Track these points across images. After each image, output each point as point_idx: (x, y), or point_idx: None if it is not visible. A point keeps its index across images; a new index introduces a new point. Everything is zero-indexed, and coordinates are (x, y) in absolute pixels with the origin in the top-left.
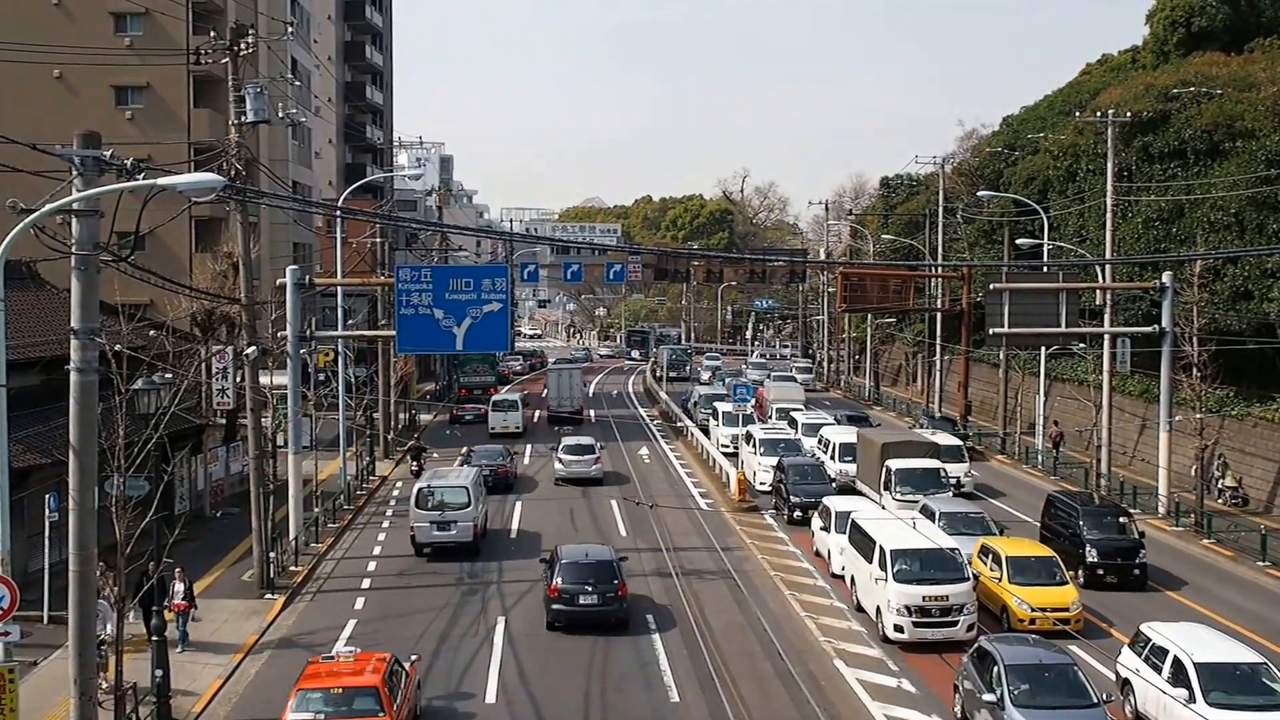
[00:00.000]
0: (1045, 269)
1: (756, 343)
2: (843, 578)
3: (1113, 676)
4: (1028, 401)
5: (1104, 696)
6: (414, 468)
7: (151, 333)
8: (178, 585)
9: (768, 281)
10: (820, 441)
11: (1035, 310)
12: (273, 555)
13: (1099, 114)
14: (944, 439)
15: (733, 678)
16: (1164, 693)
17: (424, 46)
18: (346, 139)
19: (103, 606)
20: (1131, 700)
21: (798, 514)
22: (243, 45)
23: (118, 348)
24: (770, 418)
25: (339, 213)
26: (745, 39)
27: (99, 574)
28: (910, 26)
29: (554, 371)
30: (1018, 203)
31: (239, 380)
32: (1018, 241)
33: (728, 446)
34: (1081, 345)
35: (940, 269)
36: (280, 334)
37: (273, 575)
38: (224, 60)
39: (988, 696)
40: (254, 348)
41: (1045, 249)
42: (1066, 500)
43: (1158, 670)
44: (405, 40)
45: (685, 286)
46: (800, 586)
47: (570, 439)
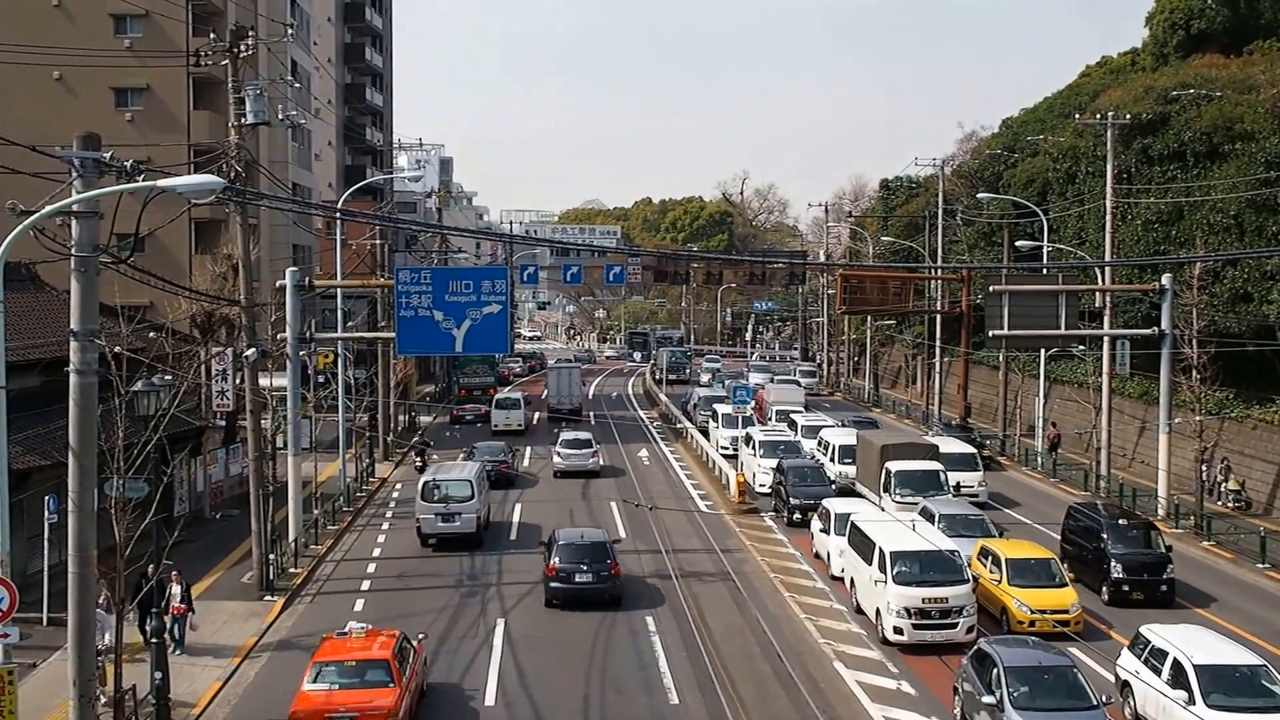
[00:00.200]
0: (1045, 271)
1: (756, 345)
2: (842, 580)
3: (1112, 678)
4: (1027, 403)
5: (1103, 699)
6: (418, 463)
7: (151, 334)
8: (175, 588)
9: (767, 283)
10: (820, 443)
11: (1035, 312)
12: (272, 557)
13: (1098, 116)
14: (957, 446)
15: (732, 680)
16: (1164, 695)
17: (424, 48)
18: (346, 141)
19: (101, 617)
20: (1131, 702)
21: (797, 516)
22: (242, 47)
23: (117, 349)
24: (770, 420)
25: (339, 214)
26: (745, 40)
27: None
28: (910, 28)
29: (554, 371)
30: (1017, 205)
31: (239, 382)
32: (1017, 243)
33: (727, 448)
34: (1081, 347)
35: (940, 271)
36: (280, 336)
37: (272, 577)
38: (224, 62)
39: (987, 698)
40: (253, 349)
41: (1045, 251)
42: (1088, 512)
43: (1157, 672)
44: (405, 42)
45: (685, 288)
46: (800, 588)
47: (569, 434)
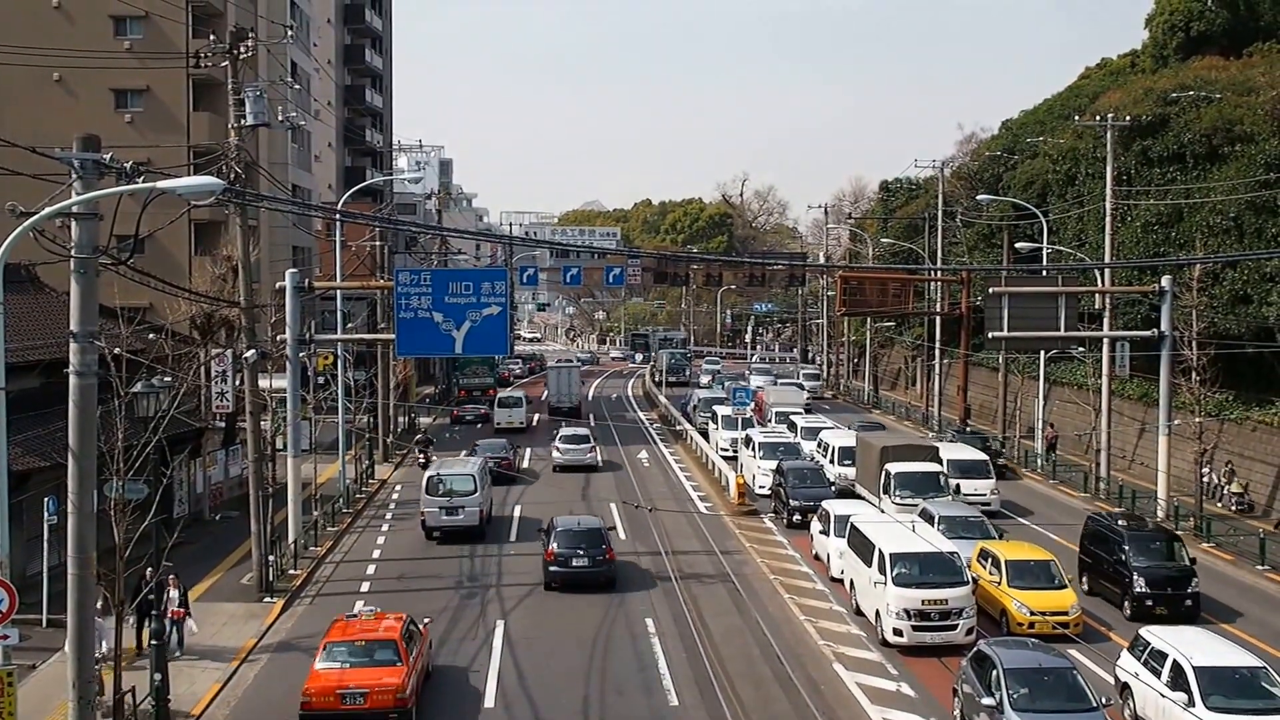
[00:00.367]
0: (1044, 273)
1: (756, 346)
2: (842, 581)
3: (1112, 680)
4: (1027, 405)
5: (1103, 700)
6: (422, 460)
7: (151, 336)
8: (172, 592)
9: (767, 285)
10: (819, 445)
11: (1034, 314)
12: (272, 559)
13: (1098, 118)
14: (967, 453)
15: (731, 681)
16: (1163, 696)
17: (424, 50)
18: (346, 142)
19: (99, 624)
20: (1131, 704)
21: (797, 517)
22: (242, 49)
23: (117, 351)
24: (769, 421)
25: (338, 216)
26: (745, 42)
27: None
28: (909, 30)
29: (553, 370)
30: (1017, 206)
31: (238, 383)
32: (1017, 245)
33: (727, 450)
34: (1081, 349)
35: (939, 273)
36: (279, 337)
37: (272, 579)
38: (223, 63)
39: (987, 700)
40: (253, 351)
41: (1044, 253)
42: (1108, 523)
43: (1157, 674)
44: (405, 44)
45: (685, 290)
46: (799, 590)
47: (567, 430)
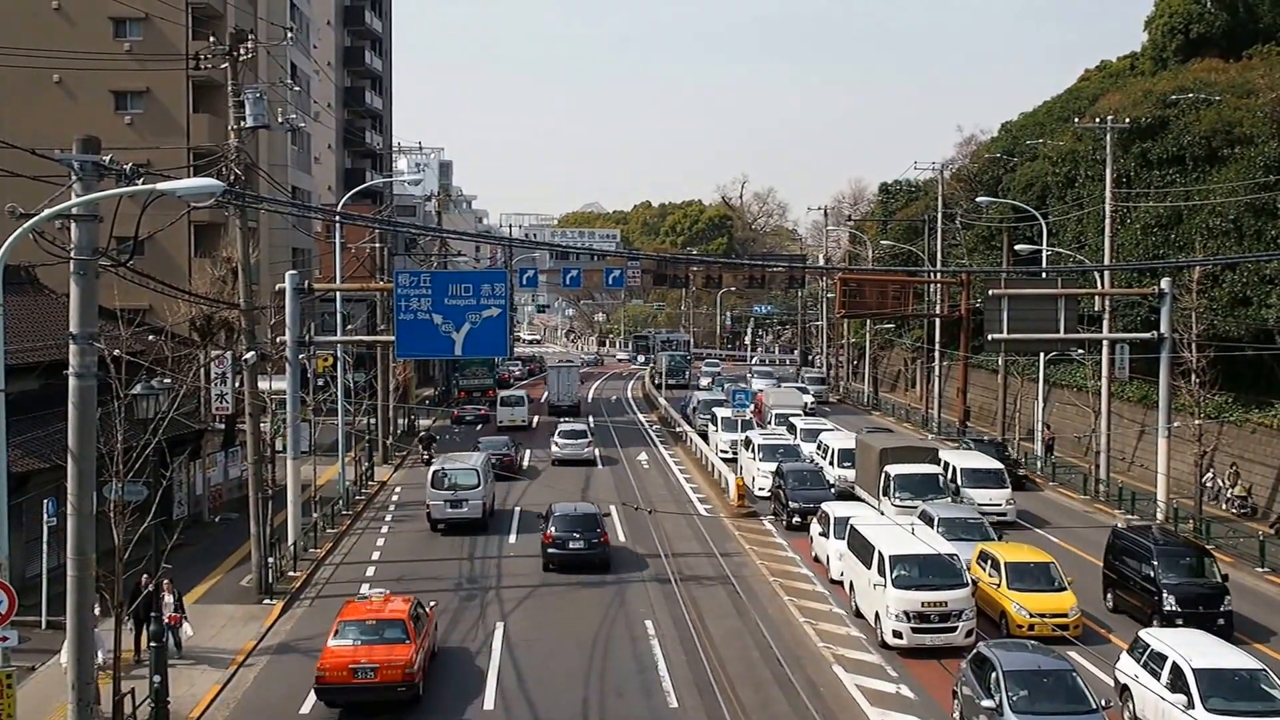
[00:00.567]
0: (1044, 275)
1: (757, 348)
2: (841, 583)
3: (1111, 682)
4: (1027, 407)
5: (1103, 702)
6: (425, 456)
7: (150, 338)
8: (167, 598)
9: (767, 287)
10: (819, 447)
11: (1034, 316)
12: (271, 560)
13: (1098, 120)
14: (981, 461)
15: (731, 684)
16: (1162, 698)
17: (423, 52)
18: (346, 144)
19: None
20: (1130, 706)
21: (796, 519)
22: (242, 50)
23: (116, 353)
24: (769, 423)
25: (338, 218)
26: (744, 44)
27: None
28: (909, 32)
29: (553, 370)
30: (1016, 209)
31: (238, 385)
32: (1016, 247)
33: (726, 452)
34: (1080, 351)
35: (939, 275)
36: (279, 339)
37: (271, 580)
38: (223, 65)
39: (986, 702)
40: (253, 353)
41: (1044, 255)
42: (1136, 537)
43: (1156, 676)
44: (405, 46)
45: (684, 292)
46: (799, 592)
47: (565, 426)
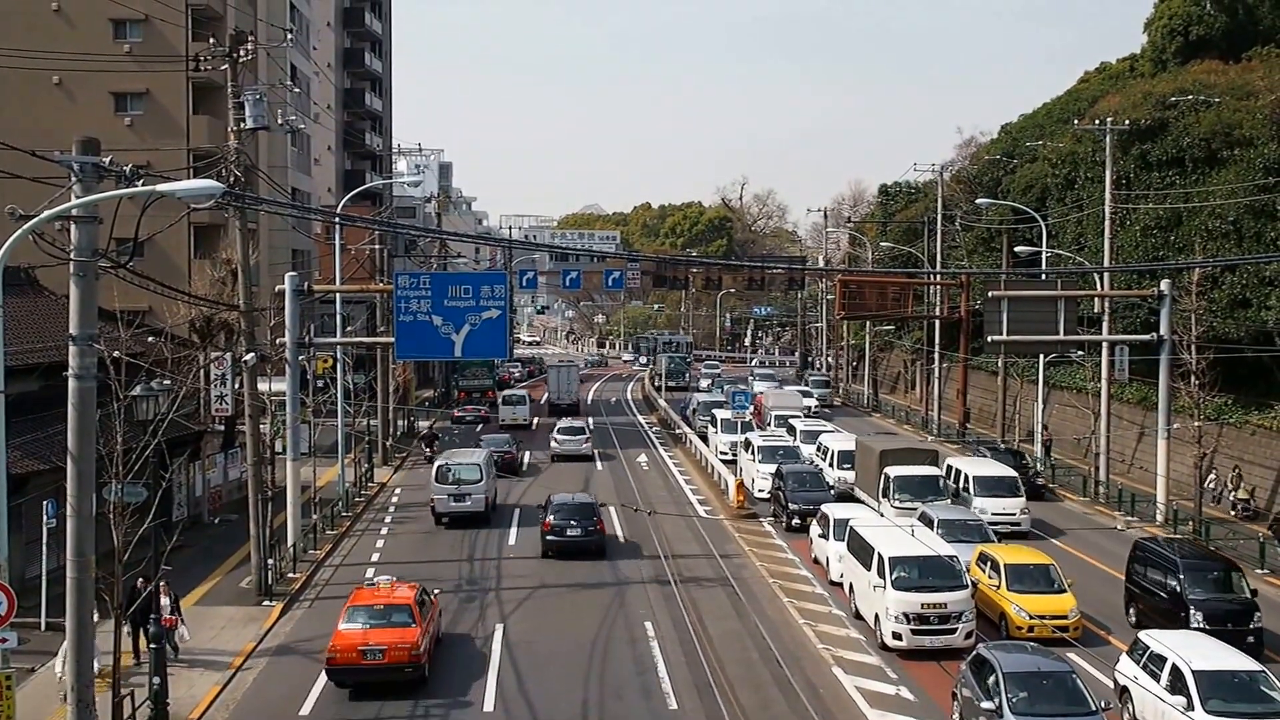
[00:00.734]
0: (1044, 277)
1: (756, 350)
2: (841, 585)
3: (1111, 684)
4: (1026, 409)
5: (1102, 704)
6: (428, 453)
7: (150, 339)
8: (163, 600)
9: (766, 289)
10: (819, 449)
11: (1034, 318)
12: (271, 562)
13: (1097, 122)
14: (994, 469)
15: (731, 685)
16: (1162, 700)
17: (423, 54)
18: (346, 146)
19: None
20: (1130, 708)
21: (796, 521)
22: (242, 52)
23: (116, 354)
24: (769, 425)
25: (338, 219)
26: (743, 46)
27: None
28: (908, 33)
29: (553, 370)
30: (1016, 210)
31: (237, 387)
32: (1016, 249)
33: (726, 454)
34: (1080, 353)
35: (939, 276)
36: (279, 340)
37: (271, 582)
38: (223, 67)
39: (986, 704)
40: (252, 354)
41: (1044, 256)
42: (1160, 550)
43: (1156, 678)
44: (404, 47)
45: (684, 293)
46: (799, 594)
47: (564, 423)
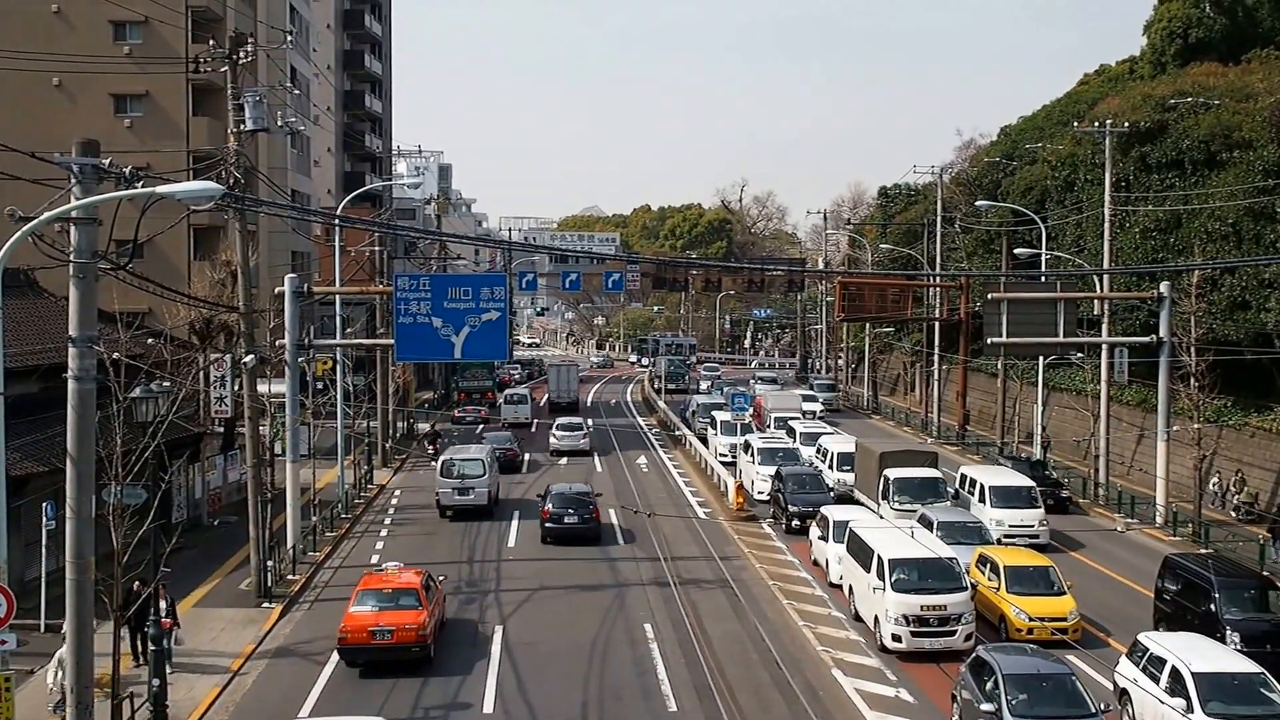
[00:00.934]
0: (1043, 279)
1: (756, 351)
2: (841, 587)
3: (1111, 686)
4: (1026, 411)
5: (1102, 707)
6: (431, 450)
7: (150, 341)
8: (160, 604)
9: (766, 291)
10: (819, 450)
11: (1033, 320)
12: (270, 564)
13: (1097, 124)
14: (1011, 479)
15: (730, 687)
16: (1162, 703)
17: (423, 55)
18: (345, 147)
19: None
20: (1130, 710)
21: (796, 523)
22: (242, 54)
23: (116, 356)
24: (768, 427)
25: (337, 221)
26: (742, 47)
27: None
28: (908, 36)
29: (554, 369)
30: (1016, 212)
31: (237, 388)
32: (1016, 251)
33: (726, 456)
34: (1080, 355)
35: (938, 278)
36: (278, 342)
37: (270, 584)
38: (223, 69)
39: (986, 706)
40: (252, 356)
41: (1043, 259)
42: (1193, 567)
43: (1155, 680)
44: (404, 49)
45: (684, 295)
46: (798, 596)
47: (563, 419)
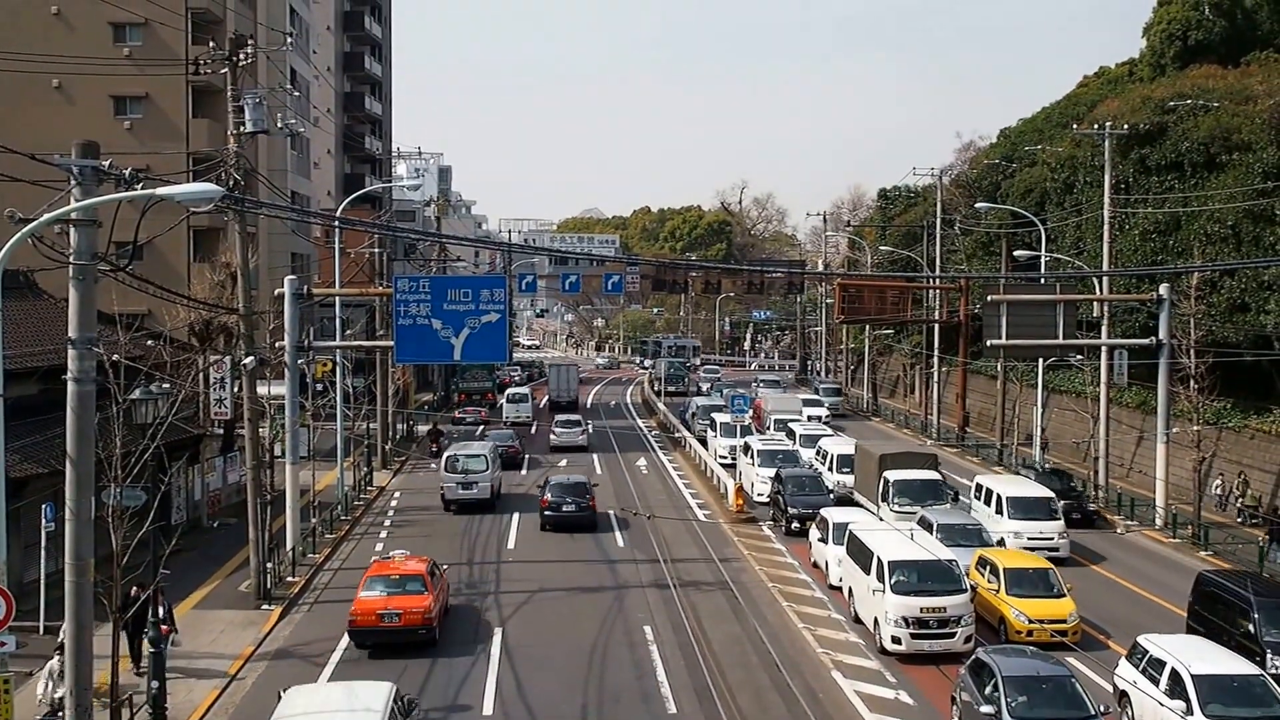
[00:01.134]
0: (1043, 281)
1: (758, 353)
2: (840, 589)
3: (1110, 689)
4: (1026, 413)
5: (1102, 709)
6: (433, 448)
7: (149, 342)
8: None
9: (766, 293)
10: (818, 453)
11: (1033, 322)
12: (270, 566)
13: (1096, 126)
14: (1029, 489)
15: (730, 690)
16: (1161, 705)
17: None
18: (345, 149)
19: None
20: (1129, 712)
21: (795, 525)
22: (242, 55)
23: (115, 357)
24: (768, 429)
25: (337, 223)
26: (744, 50)
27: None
28: (908, 38)
29: (554, 369)
30: (1015, 214)
31: (237, 390)
32: (1015, 253)
33: (725, 458)
34: (1079, 357)
35: (938, 280)
36: (278, 344)
37: (270, 586)
38: (223, 70)
39: (985, 708)
40: (252, 358)
41: (1043, 261)
42: (1229, 585)
43: (1155, 682)
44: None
45: (683, 297)
46: (798, 598)
47: (562, 417)
